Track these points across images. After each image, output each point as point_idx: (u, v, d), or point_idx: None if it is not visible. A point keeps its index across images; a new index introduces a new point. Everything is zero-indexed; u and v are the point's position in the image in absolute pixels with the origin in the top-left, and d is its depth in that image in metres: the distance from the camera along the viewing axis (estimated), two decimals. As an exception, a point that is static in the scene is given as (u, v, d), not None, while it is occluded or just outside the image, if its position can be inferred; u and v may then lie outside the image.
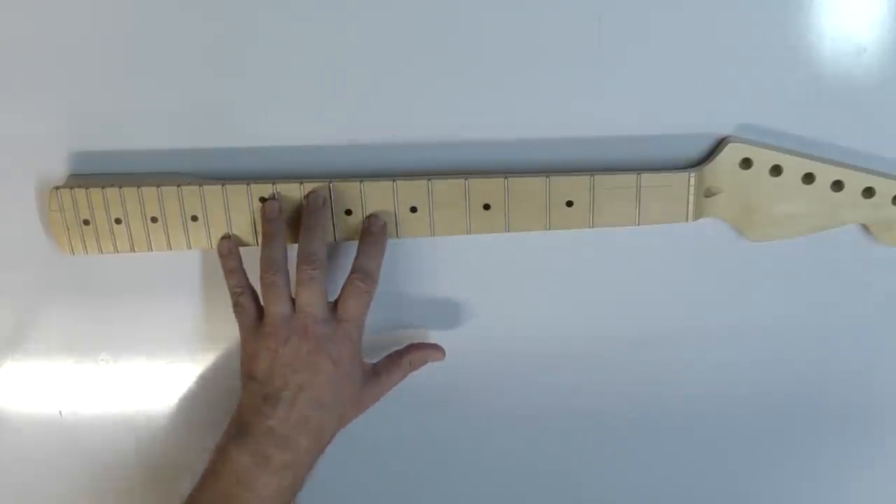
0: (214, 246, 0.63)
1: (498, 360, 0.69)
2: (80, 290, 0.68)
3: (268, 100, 0.62)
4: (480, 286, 0.66)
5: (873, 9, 0.57)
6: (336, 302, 0.61)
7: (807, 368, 0.67)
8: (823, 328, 0.66)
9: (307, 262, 0.60)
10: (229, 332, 0.68)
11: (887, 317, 0.65)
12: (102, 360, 0.70)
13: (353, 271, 0.61)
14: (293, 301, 0.60)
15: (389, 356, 0.66)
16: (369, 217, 0.62)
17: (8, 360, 0.71)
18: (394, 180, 0.61)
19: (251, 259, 0.64)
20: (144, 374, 0.71)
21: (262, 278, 0.61)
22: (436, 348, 0.66)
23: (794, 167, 0.59)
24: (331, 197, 0.61)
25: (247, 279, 0.63)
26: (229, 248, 0.63)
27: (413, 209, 0.61)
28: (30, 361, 0.71)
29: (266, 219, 0.62)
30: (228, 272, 0.63)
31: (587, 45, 0.59)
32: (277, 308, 0.60)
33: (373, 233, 0.62)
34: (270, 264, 0.61)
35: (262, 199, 0.62)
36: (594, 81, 0.60)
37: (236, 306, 0.63)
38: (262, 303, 0.62)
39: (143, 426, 0.72)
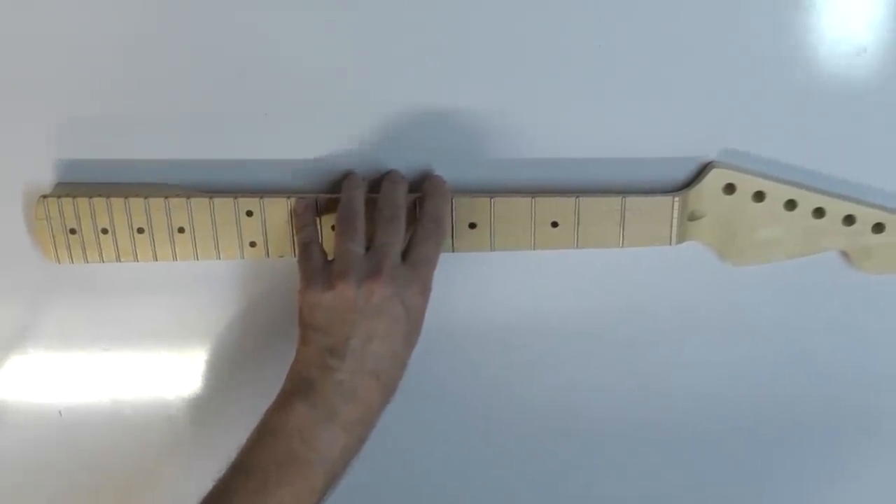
0: (201, 258, 0.63)
1: (487, 375, 0.69)
2: (76, 291, 0.68)
3: (257, 113, 0.62)
4: (462, 305, 0.67)
5: (872, 10, 0.57)
6: (406, 250, 0.57)
7: (790, 393, 0.68)
8: (805, 352, 0.66)
9: (388, 206, 0.58)
10: (229, 330, 0.69)
11: (867, 342, 0.66)
12: (101, 358, 0.70)
13: (422, 218, 0.59)
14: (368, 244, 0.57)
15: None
16: (431, 176, 0.61)
17: (6, 362, 0.71)
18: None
19: (250, 269, 0.65)
20: (143, 374, 0.71)
21: (338, 217, 0.58)
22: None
23: (777, 193, 0.59)
24: (317, 211, 0.61)
25: (319, 233, 0.61)
26: (306, 205, 0.61)
27: (399, 226, 0.61)
28: (27, 362, 0.70)
29: (348, 179, 0.61)
30: (302, 227, 0.60)
31: (573, 69, 0.59)
32: (352, 246, 0.56)
33: (438, 185, 0.60)
34: (350, 204, 0.58)
35: (249, 213, 0.62)
36: (580, 104, 0.60)
37: (304, 252, 0.59)
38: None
39: (142, 426, 0.72)
